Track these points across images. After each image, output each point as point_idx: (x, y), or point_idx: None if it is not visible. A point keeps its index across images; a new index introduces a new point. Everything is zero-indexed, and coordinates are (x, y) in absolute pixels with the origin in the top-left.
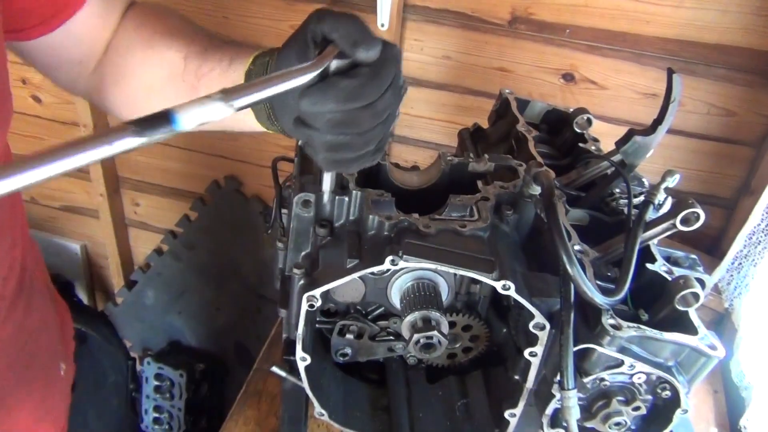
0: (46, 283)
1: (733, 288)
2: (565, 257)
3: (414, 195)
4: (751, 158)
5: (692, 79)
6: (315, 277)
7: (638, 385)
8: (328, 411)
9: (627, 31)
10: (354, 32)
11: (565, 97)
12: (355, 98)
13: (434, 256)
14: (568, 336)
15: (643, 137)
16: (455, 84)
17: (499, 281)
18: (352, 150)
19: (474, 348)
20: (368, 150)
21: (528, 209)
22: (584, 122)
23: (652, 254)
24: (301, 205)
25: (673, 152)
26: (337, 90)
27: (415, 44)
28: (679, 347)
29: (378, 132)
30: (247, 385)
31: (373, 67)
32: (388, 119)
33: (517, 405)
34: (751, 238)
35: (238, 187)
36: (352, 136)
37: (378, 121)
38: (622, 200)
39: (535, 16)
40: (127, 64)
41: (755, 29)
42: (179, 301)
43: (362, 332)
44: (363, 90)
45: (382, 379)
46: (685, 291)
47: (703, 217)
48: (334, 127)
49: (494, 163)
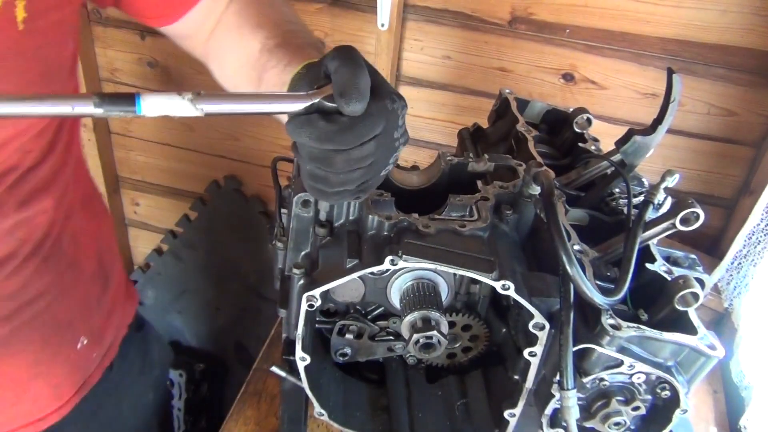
0: (99, 262)
1: (733, 288)
2: (564, 257)
3: (414, 195)
4: (750, 158)
5: (692, 79)
6: (314, 277)
7: (638, 385)
8: (327, 411)
9: (627, 31)
10: (348, 82)
11: (564, 97)
12: (327, 141)
13: (434, 256)
14: (568, 336)
15: (643, 137)
16: (455, 84)
17: (498, 281)
18: (330, 185)
19: (473, 348)
20: (347, 189)
21: (528, 209)
22: (584, 122)
23: (652, 254)
24: (300, 205)
25: (672, 152)
26: (312, 128)
27: (415, 44)
28: (678, 347)
29: (358, 175)
30: (247, 385)
31: (354, 118)
32: (373, 167)
33: (516, 405)
34: (750, 238)
35: (238, 187)
36: (328, 173)
37: (355, 167)
38: (621, 200)
39: (535, 16)
40: (222, 45)
41: (755, 29)
42: (179, 301)
43: (362, 332)
44: (335, 136)
45: (381, 379)
46: (684, 291)
47: (703, 217)
48: (311, 160)
49: (494, 163)
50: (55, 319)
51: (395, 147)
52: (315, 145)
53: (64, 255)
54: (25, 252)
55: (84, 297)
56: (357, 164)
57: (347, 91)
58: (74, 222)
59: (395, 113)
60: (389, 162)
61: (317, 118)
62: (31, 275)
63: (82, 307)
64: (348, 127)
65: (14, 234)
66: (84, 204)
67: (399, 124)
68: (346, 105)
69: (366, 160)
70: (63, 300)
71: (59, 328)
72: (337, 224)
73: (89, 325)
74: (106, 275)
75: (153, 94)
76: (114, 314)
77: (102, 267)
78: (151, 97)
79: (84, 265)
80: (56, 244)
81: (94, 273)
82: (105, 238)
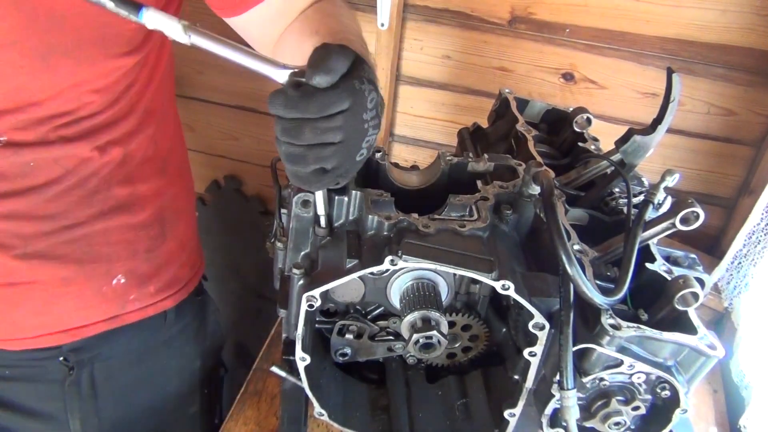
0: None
1: (733, 287)
2: (564, 257)
3: (413, 195)
4: (750, 158)
5: (692, 79)
6: (314, 277)
7: (638, 384)
8: (327, 411)
9: (627, 31)
10: (319, 58)
11: (564, 97)
12: (293, 108)
13: (433, 256)
14: (568, 336)
15: (643, 137)
16: (455, 84)
17: (498, 281)
18: (305, 163)
19: (473, 348)
20: (323, 168)
21: (527, 209)
22: (584, 122)
23: (652, 254)
24: (300, 206)
25: (672, 152)
26: (282, 96)
27: (415, 44)
28: (678, 347)
29: (329, 152)
30: (247, 385)
31: (319, 89)
32: (342, 145)
33: (516, 405)
34: (750, 238)
35: (238, 186)
36: (300, 149)
37: (324, 141)
38: (621, 200)
39: (534, 15)
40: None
41: (755, 29)
42: None
43: (362, 332)
44: (299, 102)
45: (381, 379)
46: (684, 291)
47: (703, 216)
48: (282, 134)
49: (494, 162)
50: (92, 249)
51: (365, 129)
52: (283, 113)
53: (113, 197)
54: (69, 182)
55: (129, 241)
56: (325, 136)
57: (316, 64)
58: (131, 172)
59: (362, 93)
60: (362, 146)
61: (288, 88)
62: (73, 204)
63: (126, 249)
64: (311, 93)
65: (59, 163)
66: (147, 160)
67: (368, 106)
68: (312, 76)
69: (334, 133)
70: (104, 235)
71: (96, 259)
72: (337, 224)
73: (130, 267)
74: (164, 231)
75: (157, 12)
76: (165, 270)
77: (161, 223)
78: (154, 13)
79: (137, 214)
80: (104, 185)
81: (147, 224)
82: (172, 198)
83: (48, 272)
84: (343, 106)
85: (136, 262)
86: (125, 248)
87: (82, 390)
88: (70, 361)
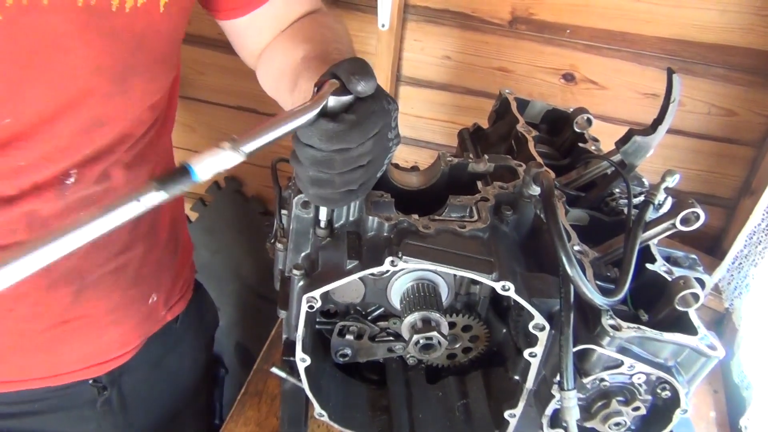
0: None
1: (734, 288)
2: (564, 258)
3: (413, 195)
4: (751, 158)
5: (692, 79)
6: (315, 278)
7: (638, 385)
8: (327, 412)
9: (627, 31)
10: (355, 65)
11: (565, 97)
12: (336, 140)
13: (434, 257)
14: (568, 336)
15: (643, 137)
16: (455, 84)
17: (498, 282)
18: (333, 188)
19: (474, 348)
20: (350, 189)
21: (527, 210)
22: (584, 122)
23: (652, 254)
24: (300, 206)
25: (673, 152)
26: (320, 131)
27: (415, 44)
28: (678, 347)
29: (358, 175)
30: (247, 386)
31: (359, 115)
32: (370, 166)
33: (516, 405)
34: (751, 238)
35: (238, 187)
36: (331, 175)
37: (355, 166)
38: (621, 200)
39: (535, 16)
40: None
41: (755, 29)
42: None
43: (362, 333)
44: (344, 135)
45: (381, 380)
46: (685, 291)
47: (703, 217)
48: (313, 165)
49: (494, 163)
50: (135, 273)
51: (389, 147)
52: (323, 146)
53: (148, 216)
54: None
55: (158, 259)
56: (356, 162)
57: (358, 72)
58: None
59: (389, 114)
60: (384, 162)
61: (324, 122)
62: (124, 231)
63: (157, 268)
64: (353, 123)
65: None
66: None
67: (393, 125)
68: (358, 83)
69: (364, 158)
70: (143, 258)
71: (137, 282)
72: (337, 225)
73: (160, 283)
74: (176, 241)
75: (199, 158)
76: (180, 277)
77: (173, 234)
78: (201, 161)
79: (159, 231)
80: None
81: (167, 238)
82: (177, 208)
83: (97, 305)
84: (378, 129)
85: (164, 277)
86: (156, 267)
87: (113, 407)
88: (102, 382)
